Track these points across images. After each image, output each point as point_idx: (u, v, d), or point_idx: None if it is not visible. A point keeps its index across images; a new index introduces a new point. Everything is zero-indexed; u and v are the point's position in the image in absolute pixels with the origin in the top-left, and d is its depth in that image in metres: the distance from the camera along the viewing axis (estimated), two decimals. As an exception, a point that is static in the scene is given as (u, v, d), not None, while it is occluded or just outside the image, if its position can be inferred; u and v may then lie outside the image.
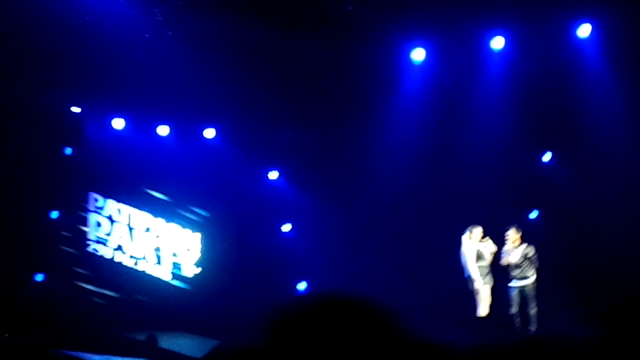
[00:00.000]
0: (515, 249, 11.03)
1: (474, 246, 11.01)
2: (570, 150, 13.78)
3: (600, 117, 12.84)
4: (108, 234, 14.14)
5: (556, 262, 12.45)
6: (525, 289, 10.76)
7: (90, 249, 13.90)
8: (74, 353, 9.70)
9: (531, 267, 11.03)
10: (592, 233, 13.08)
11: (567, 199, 13.68)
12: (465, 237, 11.15)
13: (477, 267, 10.91)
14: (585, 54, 12.55)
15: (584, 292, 12.32)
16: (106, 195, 14.15)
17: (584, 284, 12.60)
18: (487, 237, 11.24)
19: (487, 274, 10.95)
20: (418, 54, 12.71)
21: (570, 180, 13.73)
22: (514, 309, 10.68)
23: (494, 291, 11.13)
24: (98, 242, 14.02)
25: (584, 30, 12.26)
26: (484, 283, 10.84)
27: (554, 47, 12.36)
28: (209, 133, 14.52)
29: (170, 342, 12.43)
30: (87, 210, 13.96)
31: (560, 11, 11.85)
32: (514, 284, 10.86)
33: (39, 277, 13.19)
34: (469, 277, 10.95)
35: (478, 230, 11.15)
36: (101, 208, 14.14)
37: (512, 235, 11.07)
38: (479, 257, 10.95)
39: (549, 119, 13.23)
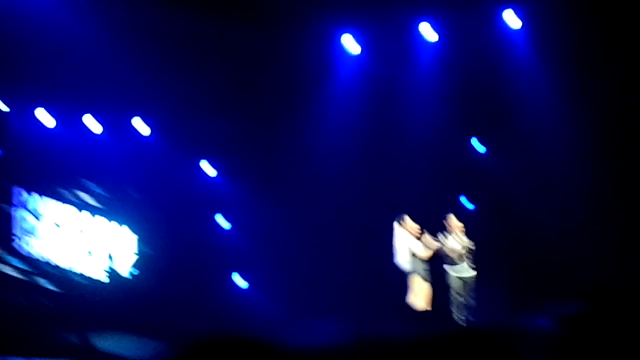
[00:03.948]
0: (459, 237, 11.01)
1: (405, 237, 10.93)
2: (502, 139, 13.92)
3: (531, 106, 13.00)
4: (33, 230, 13.72)
5: (491, 253, 12.55)
6: (468, 278, 10.77)
7: (15, 244, 13.46)
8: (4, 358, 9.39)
9: (471, 257, 11.06)
10: (523, 223, 13.23)
11: (500, 189, 13.81)
12: (396, 226, 11.08)
13: (406, 259, 10.83)
14: (516, 43, 12.68)
15: (517, 281, 12.47)
16: (31, 190, 13.72)
17: (517, 273, 12.74)
18: (425, 232, 11.16)
19: (424, 268, 10.87)
20: (351, 44, 12.67)
21: (503, 169, 13.87)
22: (458, 298, 10.65)
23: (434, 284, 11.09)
24: (23, 237, 13.58)
25: (514, 19, 12.38)
26: (418, 276, 10.76)
27: (485, 35, 12.48)
28: (140, 125, 14.20)
29: (103, 341, 12.15)
30: (12, 205, 13.52)
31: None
32: (456, 273, 10.80)
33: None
34: (401, 267, 10.90)
35: (409, 221, 11.05)
36: (26, 202, 13.70)
37: (455, 223, 11.04)
38: (413, 250, 10.87)
39: (480, 107, 13.33)
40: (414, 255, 10.86)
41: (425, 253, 10.85)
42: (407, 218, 11.03)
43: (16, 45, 11.23)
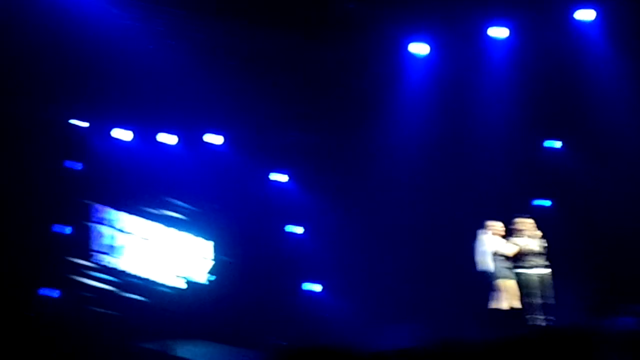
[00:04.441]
0: (534, 237, 10.86)
1: (492, 240, 10.80)
2: (578, 137, 13.68)
3: (608, 103, 12.73)
4: (116, 245, 14.07)
5: (568, 252, 12.34)
6: (545, 277, 10.60)
7: (95, 259, 13.79)
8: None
9: (546, 256, 10.88)
10: (602, 221, 12.97)
11: (577, 187, 13.57)
12: (480, 233, 10.94)
13: (492, 262, 10.70)
14: (589, 40, 12.44)
15: (597, 281, 12.23)
16: (112, 206, 14.08)
17: (597, 273, 12.50)
18: (510, 232, 10.97)
19: (508, 267, 10.71)
20: (421, 48, 12.63)
21: (579, 168, 13.63)
22: (537, 299, 10.48)
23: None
24: (103, 252, 13.93)
25: (588, 15, 12.14)
26: (506, 277, 10.61)
27: (558, 33, 12.28)
28: (217, 140, 14.46)
29: (184, 349, 12.37)
30: (91, 221, 13.88)
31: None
32: (533, 271, 10.64)
33: (52, 293, 13.10)
34: (486, 271, 10.74)
35: (496, 225, 10.92)
36: (104, 218, 14.05)
37: (530, 224, 10.89)
38: (497, 251, 10.73)
39: (554, 106, 13.14)
40: (500, 255, 10.69)
41: (512, 251, 10.72)
42: (491, 222, 10.89)
43: (93, 63, 11.58)
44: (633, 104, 12.53)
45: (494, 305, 10.56)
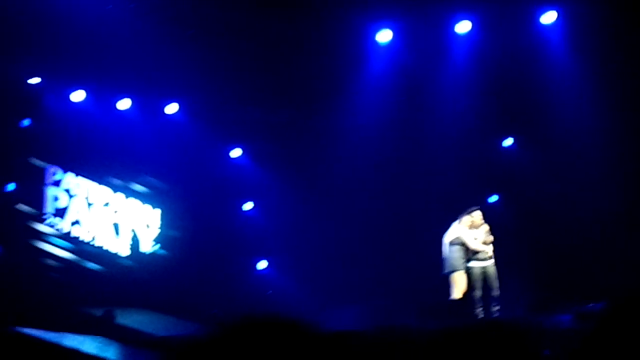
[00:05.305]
0: (483, 229, 10.99)
1: (460, 232, 10.88)
2: (533, 136, 13.88)
3: (563, 105, 12.93)
4: (65, 208, 13.94)
5: (514, 247, 12.54)
6: (489, 269, 10.75)
7: (46, 222, 13.68)
8: (28, 331, 9.52)
9: (493, 249, 11.03)
10: (551, 219, 13.21)
11: (528, 185, 13.78)
12: (455, 224, 10.98)
13: (462, 254, 10.77)
14: (550, 41, 12.61)
15: (541, 277, 12.46)
16: (65, 169, 13.93)
17: (541, 270, 12.72)
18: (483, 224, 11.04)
19: (463, 259, 10.82)
20: (384, 36, 12.67)
21: (532, 166, 13.84)
22: (478, 292, 10.64)
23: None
24: (55, 215, 13.81)
25: (549, 17, 12.31)
26: (459, 269, 10.74)
27: (519, 32, 12.41)
28: (172, 108, 14.34)
29: (128, 318, 12.31)
30: (45, 184, 13.73)
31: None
32: (477, 264, 10.78)
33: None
34: (450, 260, 10.80)
35: (474, 215, 10.98)
36: (59, 181, 13.92)
37: (479, 216, 11.02)
38: (464, 242, 10.81)
39: (512, 104, 13.31)
40: (462, 246, 10.78)
41: (477, 245, 10.81)
42: (466, 215, 10.91)
43: (53, 25, 11.36)
44: (585, 104, 12.75)
45: (446, 295, 10.70)
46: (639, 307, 2.38)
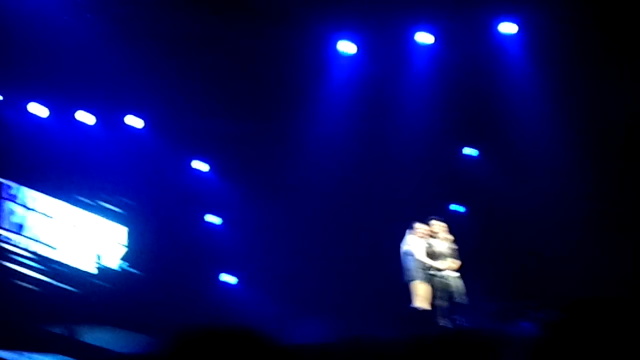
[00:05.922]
0: (446, 240, 11.01)
1: (413, 242, 10.88)
2: (494, 145, 14.00)
3: (524, 113, 13.07)
4: (22, 223, 13.69)
5: (476, 256, 12.60)
6: (456, 281, 10.76)
7: (2, 237, 13.42)
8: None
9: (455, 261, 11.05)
10: (513, 229, 13.30)
11: (490, 194, 13.88)
12: (408, 233, 10.99)
13: (410, 263, 10.78)
14: (510, 52, 12.75)
15: (502, 287, 12.54)
16: (21, 183, 13.69)
17: (502, 279, 12.80)
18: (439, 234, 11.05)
19: (423, 269, 10.82)
20: (347, 47, 12.71)
21: (493, 175, 13.95)
22: (447, 302, 10.64)
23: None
24: (11, 231, 13.55)
25: (510, 28, 12.46)
26: (420, 279, 10.72)
27: (481, 43, 12.54)
28: (135, 121, 14.20)
29: (90, 335, 12.14)
30: (1, 198, 13.48)
31: (487, 8, 12.02)
32: (445, 274, 10.79)
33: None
34: (405, 271, 10.80)
35: (421, 227, 10.98)
36: (15, 196, 13.67)
37: (443, 227, 11.02)
38: (413, 253, 10.82)
39: (474, 113, 13.41)
40: (421, 259, 10.76)
41: (422, 254, 10.82)
42: (417, 224, 10.93)
43: (11, 37, 11.20)
44: (548, 115, 12.90)
45: (410, 305, 10.70)
46: (594, 313, 2.39)
